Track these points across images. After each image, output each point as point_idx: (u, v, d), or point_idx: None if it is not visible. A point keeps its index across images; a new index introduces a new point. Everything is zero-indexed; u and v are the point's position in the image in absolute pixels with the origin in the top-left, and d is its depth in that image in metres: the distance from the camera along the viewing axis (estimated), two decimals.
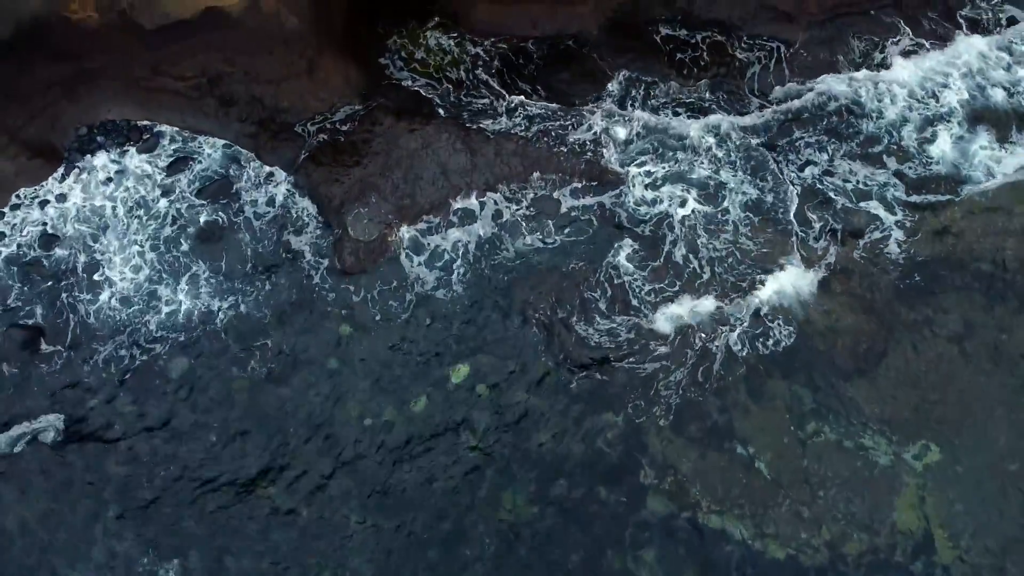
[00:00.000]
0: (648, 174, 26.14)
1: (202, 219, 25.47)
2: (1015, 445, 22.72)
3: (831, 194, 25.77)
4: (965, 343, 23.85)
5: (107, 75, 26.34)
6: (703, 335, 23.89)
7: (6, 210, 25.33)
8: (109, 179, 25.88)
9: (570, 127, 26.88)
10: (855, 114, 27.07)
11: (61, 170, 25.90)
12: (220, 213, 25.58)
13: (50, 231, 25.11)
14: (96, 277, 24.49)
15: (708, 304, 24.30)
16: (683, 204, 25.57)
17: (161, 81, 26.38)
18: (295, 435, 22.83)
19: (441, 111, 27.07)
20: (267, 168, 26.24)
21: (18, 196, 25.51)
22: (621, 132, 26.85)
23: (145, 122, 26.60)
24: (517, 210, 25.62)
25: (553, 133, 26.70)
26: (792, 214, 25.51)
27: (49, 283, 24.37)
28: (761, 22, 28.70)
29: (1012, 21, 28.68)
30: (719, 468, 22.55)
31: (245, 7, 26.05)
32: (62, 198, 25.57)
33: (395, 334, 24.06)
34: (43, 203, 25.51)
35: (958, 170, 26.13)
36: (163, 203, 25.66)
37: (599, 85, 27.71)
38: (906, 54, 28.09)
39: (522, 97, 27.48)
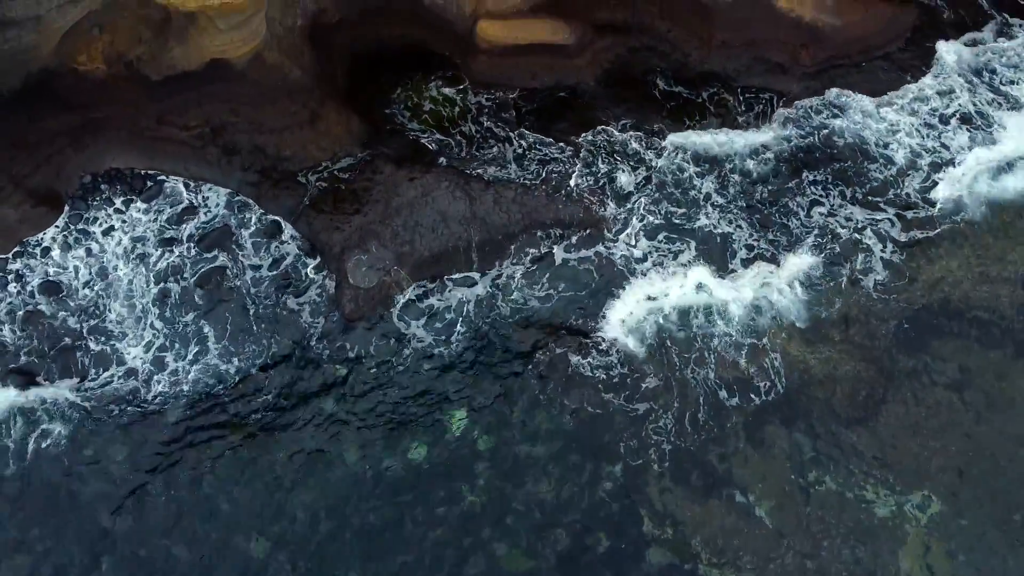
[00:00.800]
0: (647, 222, 26.38)
1: (203, 266, 25.65)
2: (1018, 495, 22.54)
3: (828, 241, 25.99)
4: (964, 391, 23.82)
5: (113, 125, 26.80)
6: (701, 383, 23.87)
7: (8, 257, 25.52)
8: (112, 227, 26.14)
9: (568, 175, 27.23)
10: (852, 161, 27.44)
11: (64, 218, 26.18)
12: (221, 260, 25.75)
13: (51, 279, 25.26)
14: (96, 324, 24.56)
15: (706, 351, 24.32)
16: (680, 255, 25.77)
17: (165, 131, 26.82)
18: (291, 484, 22.64)
19: (441, 159, 27.47)
20: (268, 216, 26.51)
21: (21, 243, 25.73)
22: (620, 180, 27.20)
23: (149, 171, 26.98)
24: (515, 258, 25.81)
25: (552, 181, 27.05)
26: (789, 261, 25.70)
27: (48, 330, 24.43)
28: (756, 74, 29.31)
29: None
30: (720, 517, 22.32)
31: (250, 59, 26.62)
32: (65, 246, 25.79)
33: (394, 381, 24.05)
34: (45, 251, 25.73)
35: (953, 216, 26.39)
36: (164, 251, 25.86)
37: (597, 134, 28.15)
38: (898, 102, 28.64)
39: (521, 146, 27.93)
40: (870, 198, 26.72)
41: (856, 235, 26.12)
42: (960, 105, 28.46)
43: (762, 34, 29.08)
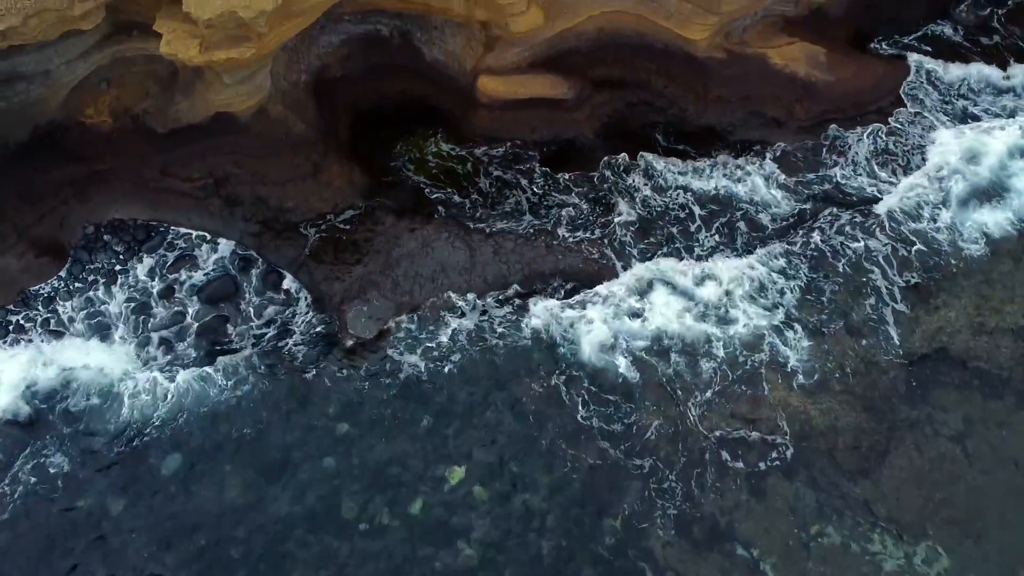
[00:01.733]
0: (646, 269, 26.49)
1: (203, 316, 25.68)
2: None
3: (828, 291, 26.09)
4: (967, 441, 23.65)
5: (117, 176, 27.15)
6: (702, 434, 23.71)
7: (10, 307, 25.54)
8: (114, 278, 26.21)
9: (567, 226, 27.45)
10: (849, 209, 27.73)
11: (67, 268, 26.27)
12: (222, 310, 25.80)
13: (52, 327, 25.25)
14: (98, 372, 24.45)
15: (707, 402, 24.22)
16: (678, 303, 25.85)
17: (169, 182, 27.16)
18: (288, 539, 22.27)
19: (441, 210, 27.74)
20: (270, 266, 26.64)
21: (22, 293, 25.78)
22: (618, 232, 27.41)
23: (152, 221, 27.20)
24: (516, 308, 25.86)
25: (550, 232, 27.25)
26: (788, 312, 25.76)
27: (48, 380, 24.33)
28: (752, 127, 29.80)
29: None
30: (722, 572, 21.91)
31: (254, 113, 27.12)
32: (67, 295, 25.85)
33: (392, 432, 23.86)
34: (47, 300, 25.77)
35: (950, 267, 26.53)
36: (165, 301, 25.92)
37: (595, 187, 28.48)
38: (892, 152, 29.12)
39: (521, 197, 28.22)
40: (867, 248, 26.91)
41: (854, 286, 26.23)
42: (951, 157, 28.88)
43: (757, 89, 29.69)
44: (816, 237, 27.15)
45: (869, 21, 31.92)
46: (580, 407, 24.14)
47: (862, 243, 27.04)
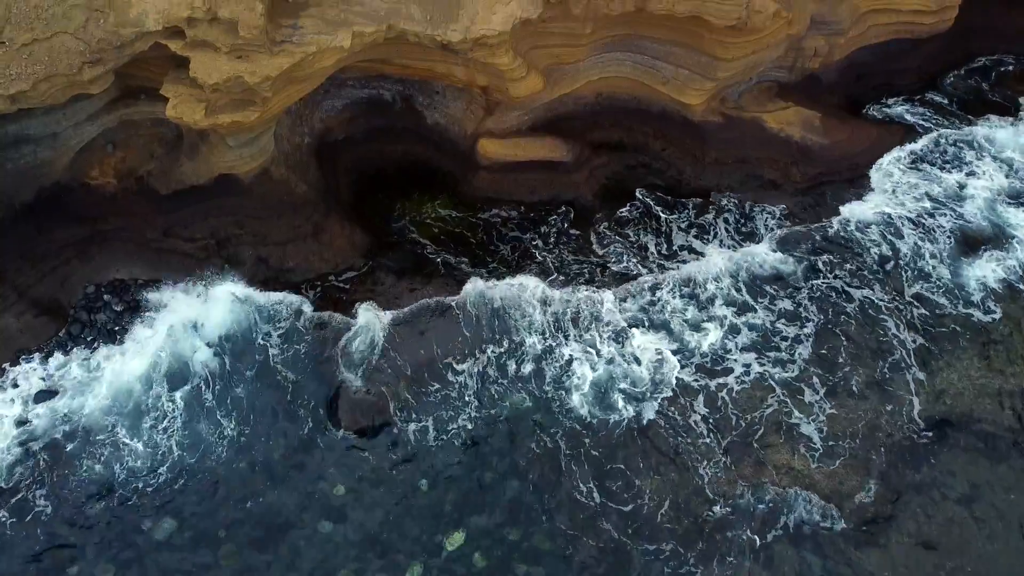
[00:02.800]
0: (648, 336, 26.39)
1: (201, 375, 25.47)
2: None
3: (830, 354, 25.98)
4: (974, 506, 23.26)
5: (120, 237, 27.26)
6: (705, 498, 23.30)
7: (6, 366, 25.35)
8: (111, 337, 26.10)
9: (566, 285, 27.47)
10: (848, 267, 27.84)
11: (66, 328, 26.16)
12: (219, 369, 25.60)
13: (48, 387, 25.01)
14: (92, 432, 24.13)
15: (710, 464, 23.87)
16: (681, 369, 25.72)
17: (171, 243, 27.28)
18: None
19: (441, 270, 27.79)
20: (268, 325, 26.49)
21: (20, 352, 25.61)
22: (618, 293, 27.37)
23: (152, 281, 27.17)
24: (516, 369, 25.71)
25: (549, 291, 27.22)
26: (790, 373, 25.62)
27: (44, 439, 24.00)
28: (749, 189, 30.17)
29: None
30: None
31: (257, 174, 27.43)
32: (65, 353, 25.68)
33: (390, 496, 23.44)
34: (45, 358, 25.59)
35: (951, 330, 26.51)
36: (164, 359, 25.73)
37: (593, 246, 28.63)
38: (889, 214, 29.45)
39: (520, 256, 28.32)
40: (868, 309, 26.92)
41: (856, 347, 26.15)
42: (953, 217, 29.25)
43: (754, 152, 30.18)
44: (816, 295, 27.21)
45: (861, 88, 32.69)
46: (580, 470, 23.77)
47: (863, 302, 27.08)
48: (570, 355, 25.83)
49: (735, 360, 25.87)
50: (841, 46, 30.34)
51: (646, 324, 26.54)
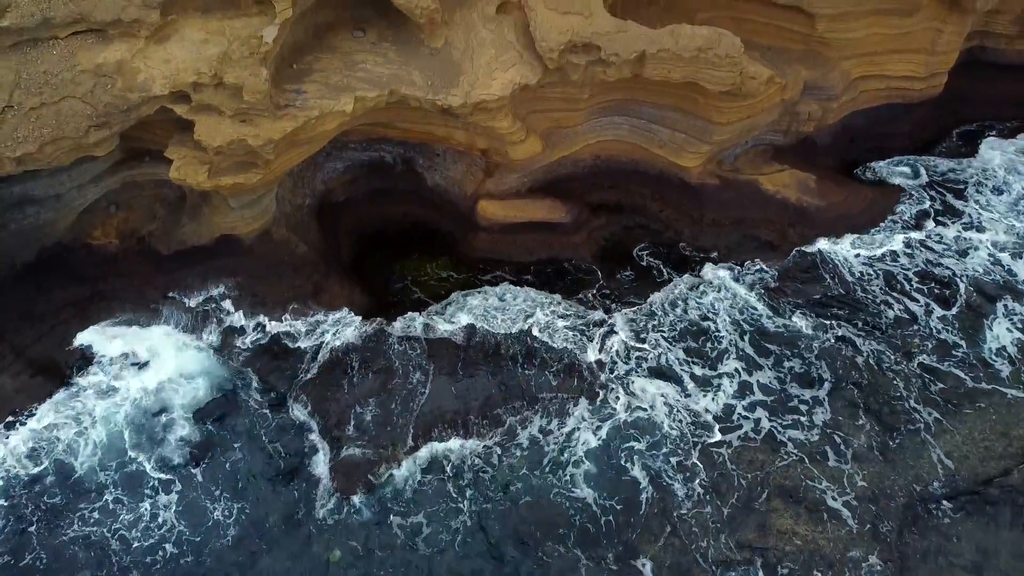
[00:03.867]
0: (641, 400, 26.19)
1: (195, 437, 25.19)
2: None
3: (831, 417, 25.73)
4: (984, 573, 22.72)
5: (119, 297, 27.27)
6: (708, 566, 22.76)
7: (1, 427, 25.09)
8: (107, 397, 25.89)
9: (564, 348, 27.35)
10: (854, 330, 27.79)
11: (62, 389, 25.95)
12: (213, 431, 25.33)
13: (39, 447, 24.69)
14: (86, 493, 23.77)
15: (712, 530, 23.40)
16: (684, 431, 25.45)
17: (170, 302, 27.22)
18: None
19: (441, 333, 27.67)
20: (265, 386, 26.37)
21: (14, 412, 25.37)
22: (616, 355, 27.29)
23: (148, 340, 27.08)
24: (513, 435, 25.40)
25: (548, 354, 27.11)
26: (792, 437, 25.33)
27: (37, 501, 23.60)
28: (747, 250, 30.33)
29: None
30: None
31: (258, 235, 27.61)
32: (60, 414, 25.42)
33: (387, 561, 22.92)
34: (40, 420, 25.32)
35: (953, 392, 26.33)
36: (160, 420, 25.50)
37: (591, 307, 28.61)
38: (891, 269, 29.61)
39: (521, 319, 28.27)
40: (873, 372, 26.76)
41: (859, 409, 25.91)
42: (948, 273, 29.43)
43: (751, 214, 30.45)
44: (822, 354, 27.09)
45: (855, 150, 33.20)
46: (578, 535, 23.31)
47: (868, 362, 26.93)
48: (575, 420, 25.55)
49: (741, 419, 25.60)
50: (834, 110, 30.92)
51: (648, 377, 26.37)
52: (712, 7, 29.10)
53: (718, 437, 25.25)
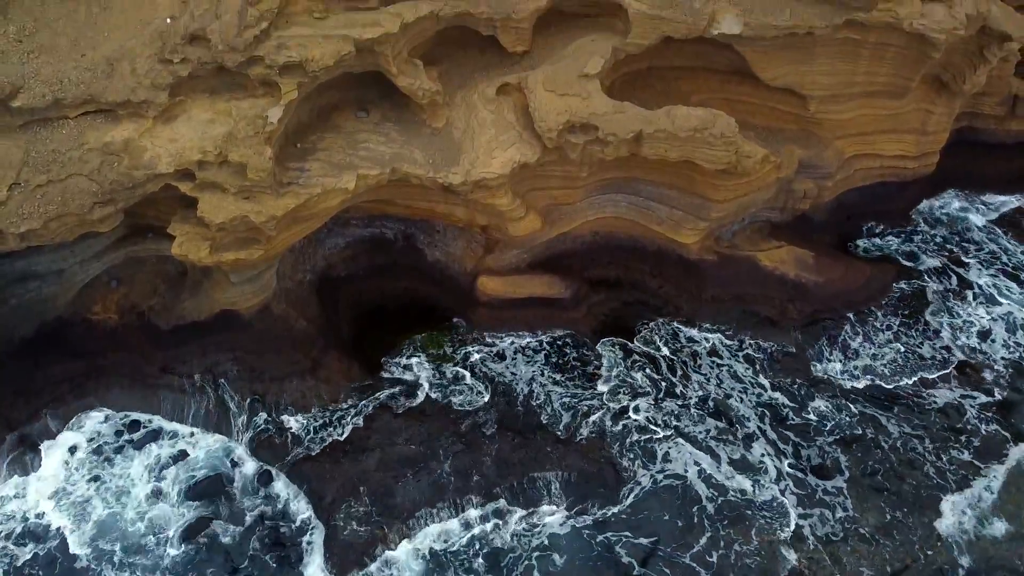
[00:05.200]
0: (649, 477, 25.75)
1: (190, 514, 24.63)
2: None
3: (838, 499, 25.23)
4: None
5: (116, 371, 27.10)
6: None
7: None
8: (100, 473, 25.43)
9: (566, 422, 27.04)
10: (849, 406, 27.51)
11: (54, 462, 25.50)
12: (209, 509, 24.78)
13: (31, 526, 24.11)
14: (72, 572, 23.19)
15: None
16: (689, 512, 24.96)
17: (167, 379, 27.08)
18: None
19: (441, 408, 27.38)
20: (261, 464, 25.93)
21: (5, 487, 24.84)
22: (618, 428, 26.96)
23: (144, 415, 26.79)
24: (515, 514, 24.84)
25: (550, 428, 26.77)
26: (807, 527, 24.81)
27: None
28: (747, 327, 30.28)
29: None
30: None
31: (258, 310, 27.61)
32: (49, 487, 24.91)
33: None
34: (31, 495, 24.81)
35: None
36: (152, 499, 24.97)
37: (593, 382, 28.40)
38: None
39: (523, 396, 28.02)
40: (880, 451, 26.36)
41: (864, 490, 25.44)
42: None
43: (750, 290, 30.52)
44: (832, 435, 26.71)
45: (851, 227, 33.53)
46: None
47: (885, 443, 26.55)
48: (578, 500, 25.02)
49: (724, 498, 25.05)
50: (830, 188, 31.36)
51: (652, 476, 25.95)
52: (707, 90, 29.85)
53: (729, 530, 24.65)
